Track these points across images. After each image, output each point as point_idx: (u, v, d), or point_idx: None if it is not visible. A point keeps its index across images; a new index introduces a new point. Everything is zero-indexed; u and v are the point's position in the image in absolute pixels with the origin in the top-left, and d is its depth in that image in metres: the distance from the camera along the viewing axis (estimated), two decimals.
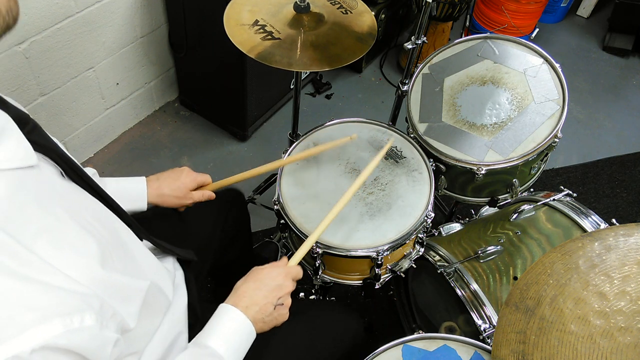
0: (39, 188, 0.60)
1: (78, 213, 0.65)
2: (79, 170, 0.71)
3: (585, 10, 3.04)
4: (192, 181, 1.11)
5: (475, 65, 1.43)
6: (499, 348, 0.76)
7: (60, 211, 0.61)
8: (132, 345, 0.71)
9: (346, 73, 2.58)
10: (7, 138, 0.57)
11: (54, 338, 0.50)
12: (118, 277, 0.65)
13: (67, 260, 0.57)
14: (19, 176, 0.58)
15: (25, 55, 1.61)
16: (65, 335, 0.52)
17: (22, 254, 0.53)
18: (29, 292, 0.51)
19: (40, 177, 0.62)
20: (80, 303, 0.55)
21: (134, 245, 0.79)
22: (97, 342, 0.56)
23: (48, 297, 0.53)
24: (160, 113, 2.31)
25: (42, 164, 0.65)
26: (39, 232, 0.56)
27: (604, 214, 1.26)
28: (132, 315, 0.66)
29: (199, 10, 1.86)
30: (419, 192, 1.21)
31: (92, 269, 0.61)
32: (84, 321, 0.54)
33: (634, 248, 0.76)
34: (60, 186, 0.67)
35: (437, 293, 1.39)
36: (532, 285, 0.78)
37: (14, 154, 0.58)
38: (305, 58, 1.20)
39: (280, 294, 0.89)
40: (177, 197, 1.09)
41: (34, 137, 0.62)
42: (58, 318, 0.52)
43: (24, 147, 0.60)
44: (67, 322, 0.52)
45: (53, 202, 0.61)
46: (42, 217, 0.58)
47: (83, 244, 0.62)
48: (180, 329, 0.87)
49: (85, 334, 0.54)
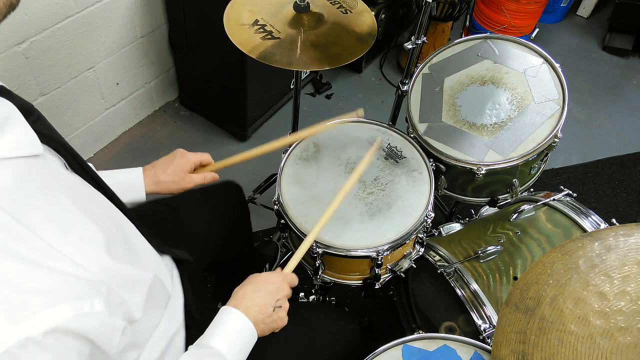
0: (44, 177, 0.61)
1: (82, 203, 0.65)
2: (82, 163, 0.72)
3: (585, 10, 3.04)
4: (187, 162, 1.06)
5: (475, 65, 1.43)
6: (499, 348, 0.76)
7: (65, 200, 0.61)
8: (136, 339, 0.71)
9: (346, 73, 2.58)
10: (13, 126, 0.58)
11: (65, 321, 0.51)
12: (124, 266, 0.65)
13: (74, 247, 0.57)
14: (24, 165, 0.58)
15: (25, 55, 1.61)
16: (76, 319, 0.52)
17: (30, 239, 0.53)
18: (38, 276, 0.52)
19: (45, 166, 0.63)
20: (89, 289, 0.55)
21: (136, 239, 0.79)
22: (106, 328, 0.57)
23: (57, 282, 0.53)
24: (160, 113, 2.31)
25: (47, 154, 0.65)
26: (46, 220, 0.57)
27: (604, 214, 1.26)
28: (138, 306, 0.66)
29: (199, 10, 1.86)
30: (419, 192, 1.21)
31: (99, 257, 0.61)
32: (94, 307, 0.54)
33: (634, 248, 0.76)
34: (64, 177, 0.67)
35: (437, 293, 1.39)
36: (532, 285, 0.78)
37: (19, 142, 0.58)
38: (306, 57, 1.20)
39: (279, 296, 0.90)
40: (174, 182, 1.04)
41: (39, 127, 0.62)
42: (67, 302, 0.52)
43: (29, 135, 0.60)
44: (77, 307, 0.52)
45: (58, 192, 0.62)
46: (49, 206, 0.58)
47: (89, 232, 0.62)
48: (177, 326, 0.88)
49: (95, 319, 0.54)
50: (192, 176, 1.07)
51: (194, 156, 1.08)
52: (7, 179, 0.55)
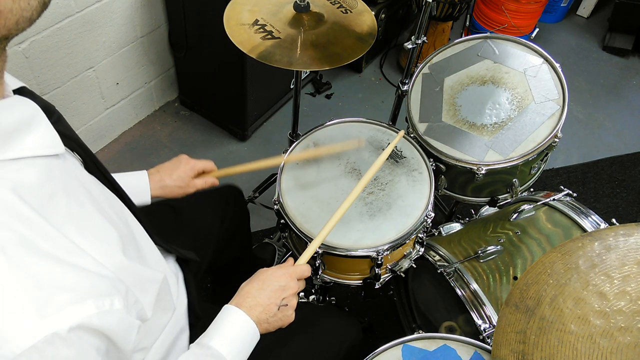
0: (65, 177, 0.62)
1: (99, 203, 0.66)
2: (98, 163, 0.73)
3: (585, 10, 3.04)
4: (192, 169, 1.11)
5: (475, 65, 1.42)
6: (499, 348, 0.76)
7: (84, 200, 0.62)
8: (144, 340, 0.72)
9: (346, 73, 2.58)
10: (37, 126, 0.59)
11: (88, 318, 0.51)
12: (137, 266, 0.66)
13: (93, 246, 0.58)
14: (48, 164, 0.59)
15: (25, 54, 1.61)
16: (98, 316, 0.52)
17: (56, 236, 0.54)
18: (63, 273, 0.52)
19: (65, 166, 0.64)
20: (109, 287, 0.56)
21: (144, 241, 0.79)
22: (124, 326, 0.57)
23: (81, 279, 0.53)
24: (160, 113, 2.31)
25: (66, 154, 0.66)
26: (67, 219, 0.57)
27: (604, 214, 1.26)
28: (149, 305, 0.67)
29: (199, 10, 1.86)
30: (419, 192, 1.21)
31: (115, 256, 0.62)
32: (114, 304, 0.55)
33: (634, 248, 0.76)
34: (82, 177, 0.68)
35: (437, 293, 1.39)
36: (532, 285, 0.78)
37: (43, 141, 0.59)
38: (306, 57, 1.20)
39: (284, 294, 0.89)
40: (179, 187, 1.09)
41: (60, 128, 0.63)
42: (91, 299, 0.52)
43: (52, 135, 0.61)
44: (100, 304, 0.53)
45: (77, 191, 0.63)
46: (69, 205, 0.59)
47: (105, 232, 0.63)
48: (182, 327, 0.88)
49: (115, 316, 0.55)
50: (195, 181, 1.12)
51: (199, 163, 1.13)
52: (33, 177, 0.56)
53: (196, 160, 1.13)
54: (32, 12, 0.54)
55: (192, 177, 1.11)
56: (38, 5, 0.55)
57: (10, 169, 0.54)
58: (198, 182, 1.12)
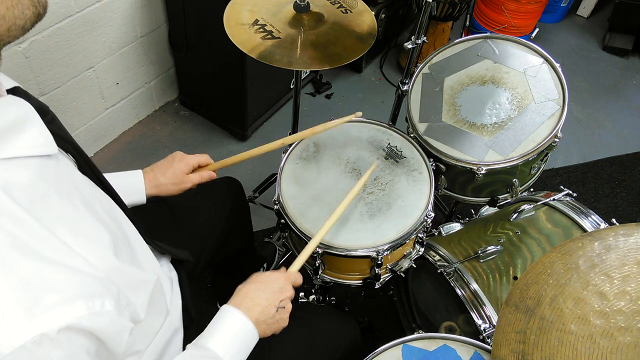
0: (57, 177, 0.62)
1: (91, 204, 0.66)
2: (91, 165, 0.73)
3: (585, 10, 3.04)
4: (186, 165, 1.08)
5: (475, 65, 1.42)
6: (499, 348, 0.76)
7: (76, 201, 0.62)
8: (137, 343, 0.71)
9: (346, 73, 2.58)
10: (31, 126, 0.59)
11: (78, 319, 0.51)
12: (129, 267, 0.66)
13: (84, 247, 0.58)
14: (40, 164, 0.59)
15: (25, 54, 1.61)
16: (89, 317, 0.52)
17: (47, 237, 0.54)
18: (54, 273, 0.52)
19: (58, 167, 0.64)
20: (101, 288, 0.56)
21: (137, 243, 0.79)
22: (115, 328, 0.57)
23: (71, 280, 0.53)
24: (160, 113, 2.31)
25: (59, 155, 0.66)
26: (59, 219, 0.57)
27: (604, 214, 1.26)
28: (142, 307, 0.67)
29: (199, 10, 1.86)
30: (419, 192, 1.21)
31: (106, 257, 0.61)
32: (105, 306, 0.55)
33: (634, 248, 0.76)
34: (75, 177, 0.68)
35: (437, 293, 1.39)
36: (532, 285, 0.78)
37: (36, 141, 0.59)
38: (306, 57, 1.20)
39: (282, 296, 0.89)
40: (174, 184, 1.07)
41: (53, 128, 0.63)
42: (81, 300, 0.52)
43: (45, 136, 0.61)
44: (90, 305, 0.53)
45: (70, 192, 0.62)
46: (62, 205, 0.59)
47: (97, 234, 0.63)
48: (176, 327, 0.87)
49: (106, 318, 0.55)
50: (190, 176, 1.09)
51: (193, 158, 1.10)
52: (25, 178, 0.56)
53: (190, 156, 1.10)
54: (25, 21, 0.54)
55: (187, 172, 1.08)
56: (32, 15, 0.55)
57: (2, 169, 0.54)
58: (194, 177, 1.09)
